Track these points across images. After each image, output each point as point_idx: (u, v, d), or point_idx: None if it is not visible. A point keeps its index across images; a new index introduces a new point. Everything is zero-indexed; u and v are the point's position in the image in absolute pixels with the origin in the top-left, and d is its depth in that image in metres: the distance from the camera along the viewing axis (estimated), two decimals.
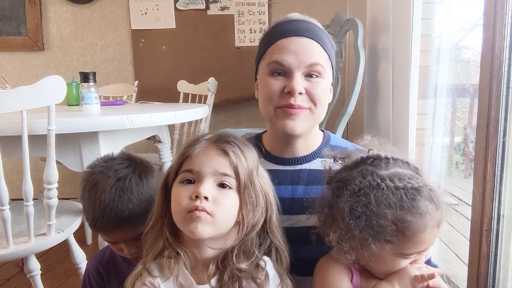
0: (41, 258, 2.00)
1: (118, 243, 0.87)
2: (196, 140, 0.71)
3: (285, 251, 0.75)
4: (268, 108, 0.85)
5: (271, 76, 0.84)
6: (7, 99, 1.03)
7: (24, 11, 2.86)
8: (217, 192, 0.68)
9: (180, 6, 2.85)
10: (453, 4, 1.63)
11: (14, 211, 1.18)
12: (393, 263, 0.71)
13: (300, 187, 0.87)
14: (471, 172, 1.25)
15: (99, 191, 0.83)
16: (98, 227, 0.85)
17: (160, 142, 1.89)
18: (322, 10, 2.76)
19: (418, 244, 0.68)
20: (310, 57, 0.82)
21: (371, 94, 1.98)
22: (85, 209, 0.86)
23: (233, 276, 0.68)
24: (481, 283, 1.12)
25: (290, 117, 0.83)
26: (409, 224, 0.66)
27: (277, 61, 0.82)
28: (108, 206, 0.82)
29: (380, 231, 0.66)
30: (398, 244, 0.67)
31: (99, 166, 0.87)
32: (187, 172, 0.69)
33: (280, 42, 0.83)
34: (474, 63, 1.51)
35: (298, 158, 0.90)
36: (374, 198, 0.67)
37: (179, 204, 0.67)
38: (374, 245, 0.67)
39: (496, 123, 1.05)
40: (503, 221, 1.09)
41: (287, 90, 0.81)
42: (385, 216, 0.66)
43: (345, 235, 0.68)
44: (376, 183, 0.68)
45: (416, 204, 0.66)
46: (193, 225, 0.65)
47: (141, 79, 2.85)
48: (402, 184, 0.68)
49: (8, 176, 1.40)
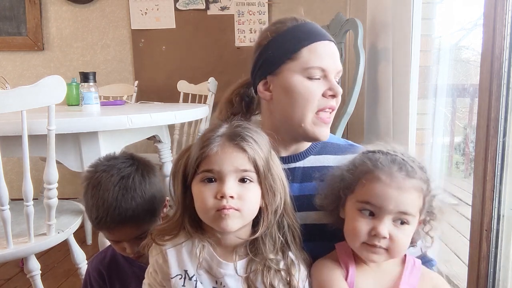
0: (41, 258, 2.00)
1: (121, 241, 0.87)
2: (211, 138, 0.71)
3: (298, 230, 0.79)
4: (306, 112, 0.83)
5: (309, 80, 0.82)
6: (7, 99, 1.03)
7: (24, 11, 2.86)
8: (240, 188, 0.70)
9: (180, 6, 2.85)
10: (453, 4, 1.63)
11: (14, 211, 1.18)
12: (352, 217, 0.73)
13: (294, 185, 0.87)
14: (471, 172, 1.25)
15: (102, 190, 0.83)
16: (101, 226, 0.85)
17: (160, 142, 1.89)
18: (322, 10, 2.77)
19: (369, 194, 0.71)
20: (339, 63, 0.86)
21: (371, 94, 1.98)
22: (88, 208, 0.86)
23: (264, 266, 0.72)
24: (481, 283, 1.12)
25: (326, 125, 0.85)
26: (366, 170, 0.72)
27: (321, 67, 0.82)
28: (112, 204, 0.82)
29: (346, 177, 0.75)
30: (356, 193, 0.74)
31: (101, 165, 0.88)
32: (207, 172, 0.70)
33: (317, 45, 0.83)
34: (474, 63, 1.51)
35: (292, 156, 0.90)
36: (354, 159, 0.77)
37: (205, 204, 0.69)
38: (342, 192, 0.75)
39: (496, 123, 1.05)
40: (503, 221, 1.09)
41: (332, 93, 0.83)
42: (353, 167, 0.75)
43: (329, 194, 0.78)
44: (368, 151, 0.77)
45: (381, 159, 0.73)
46: (224, 222, 0.68)
47: (141, 79, 2.85)
48: (387, 151, 0.75)
49: (8, 176, 1.41)
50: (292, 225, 0.77)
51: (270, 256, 0.73)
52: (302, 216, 0.83)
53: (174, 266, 0.73)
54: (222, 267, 0.72)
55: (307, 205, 0.83)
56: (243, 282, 0.72)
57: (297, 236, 0.78)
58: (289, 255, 0.75)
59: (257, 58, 0.88)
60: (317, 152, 0.92)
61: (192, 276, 0.72)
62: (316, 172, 0.84)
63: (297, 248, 0.77)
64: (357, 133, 2.41)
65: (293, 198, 0.80)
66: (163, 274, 0.74)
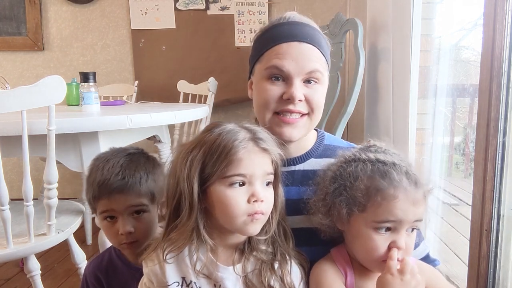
0: (41, 258, 2.00)
1: (117, 213, 0.87)
2: (235, 142, 0.68)
3: (289, 228, 0.79)
4: (264, 114, 0.83)
5: (268, 81, 0.82)
6: (7, 99, 1.03)
7: (24, 11, 2.86)
8: (266, 192, 0.71)
9: (180, 6, 2.85)
10: (453, 4, 1.63)
11: (14, 211, 1.18)
12: (367, 237, 0.72)
13: (293, 188, 0.86)
14: (471, 172, 1.25)
15: (108, 163, 0.88)
16: (102, 190, 0.86)
17: (160, 142, 1.89)
18: (322, 10, 2.77)
19: (388, 212, 0.69)
20: (310, 64, 0.81)
21: (371, 94, 1.98)
22: (91, 175, 0.89)
23: (261, 265, 0.72)
24: (481, 283, 1.12)
25: (289, 125, 0.83)
26: (379, 189, 0.70)
27: (277, 66, 0.80)
28: (116, 169, 0.86)
29: (353, 194, 0.71)
30: (369, 212, 0.71)
31: (110, 150, 0.94)
32: (237, 176, 0.68)
33: (279, 47, 0.81)
34: (474, 63, 1.51)
35: (292, 159, 0.89)
36: (354, 166, 0.74)
37: (238, 209, 0.68)
38: (345, 208, 0.72)
39: (496, 123, 1.05)
40: (503, 221, 1.09)
41: (287, 97, 0.80)
42: (359, 183, 0.71)
43: (321, 196, 0.77)
44: (361, 156, 0.75)
45: (390, 173, 0.71)
46: (253, 227, 0.69)
47: (141, 79, 2.85)
48: (383, 158, 0.73)
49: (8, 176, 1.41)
50: (282, 220, 0.78)
51: (261, 248, 0.73)
52: (301, 219, 0.82)
53: (171, 273, 0.72)
54: (220, 271, 0.72)
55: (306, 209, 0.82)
56: (241, 284, 0.72)
57: (289, 234, 0.78)
58: (278, 248, 0.75)
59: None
60: (319, 155, 0.90)
61: (189, 283, 0.72)
62: (315, 175, 0.83)
63: (286, 243, 0.77)
64: (357, 133, 2.41)
65: (292, 201, 0.80)
66: (159, 282, 0.73)
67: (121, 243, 0.89)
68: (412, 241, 0.73)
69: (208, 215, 0.72)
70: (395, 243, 0.70)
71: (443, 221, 1.67)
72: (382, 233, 0.71)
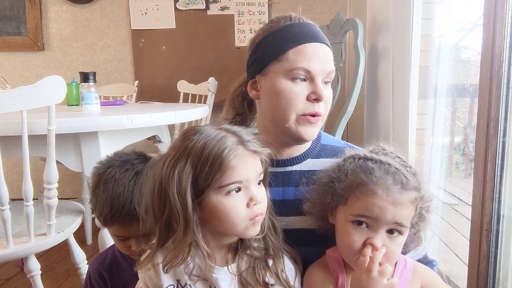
0: (41, 258, 2.00)
1: (130, 238, 0.86)
2: (225, 150, 0.67)
3: (277, 221, 0.79)
4: (289, 115, 0.81)
5: (293, 81, 0.81)
6: (7, 99, 1.03)
7: (24, 11, 2.86)
8: (261, 192, 0.71)
9: (180, 6, 2.85)
10: (453, 4, 1.63)
11: (14, 211, 1.18)
12: (345, 230, 0.72)
13: (290, 189, 0.86)
14: (471, 172, 1.25)
15: (117, 184, 0.83)
16: (115, 220, 0.83)
17: (160, 142, 1.89)
18: (322, 10, 2.77)
19: (365, 208, 0.70)
20: (329, 65, 0.83)
21: (371, 94, 1.98)
22: (100, 202, 0.85)
23: (255, 262, 0.73)
24: (481, 283, 1.12)
25: (311, 125, 0.82)
26: (360, 183, 0.71)
27: (306, 68, 0.80)
28: (128, 198, 0.82)
29: (339, 186, 0.73)
30: (349, 205, 0.72)
31: (114, 160, 0.87)
32: (234, 184, 0.67)
33: (305, 47, 0.81)
34: (474, 63, 1.51)
35: (289, 160, 0.88)
36: (348, 163, 0.75)
37: (239, 216, 0.68)
38: (331, 199, 0.74)
39: (496, 123, 1.05)
40: (503, 221, 1.09)
41: (315, 97, 0.80)
42: (346, 177, 0.73)
43: (317, 199, 0.77)
44: (360, 155, 0.76)
45: (374, 170, 0.71)
46: (254, 229, 0.70)
47: (141, 79, 2.85)
48: (377, 158, 0.74)
49: (8, 176, 1.41)
50: (270, 214, 0.78)
51: (254, 245, 0.74)
52: (298, 220, 0.82)
53: (165, 277, 0.72)
54: (215, 272, 0.72)
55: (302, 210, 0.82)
56: (237, 283, 0.72)
57: (278, 228, 0.79)
58: (270, 242, 0.76)
59: (249, 56, 0.89)
60: (315, 155, 0.90)
61: (184, 286, 0.72)
62: (313, 176, 0.83)
63: (276, 237, 0.78)
64: (357, 133, 2.41)
65: (289, 202, 0.80)
66: (154, 286, 0.73)
67: (132, 254, 0.88)
68: (396, 246, 0.71)
69: (202, 223, 0.70)
70: (370, 240, 0.70)
71: (443, 221, 1.67)
72: (358, 228, 0.71)
